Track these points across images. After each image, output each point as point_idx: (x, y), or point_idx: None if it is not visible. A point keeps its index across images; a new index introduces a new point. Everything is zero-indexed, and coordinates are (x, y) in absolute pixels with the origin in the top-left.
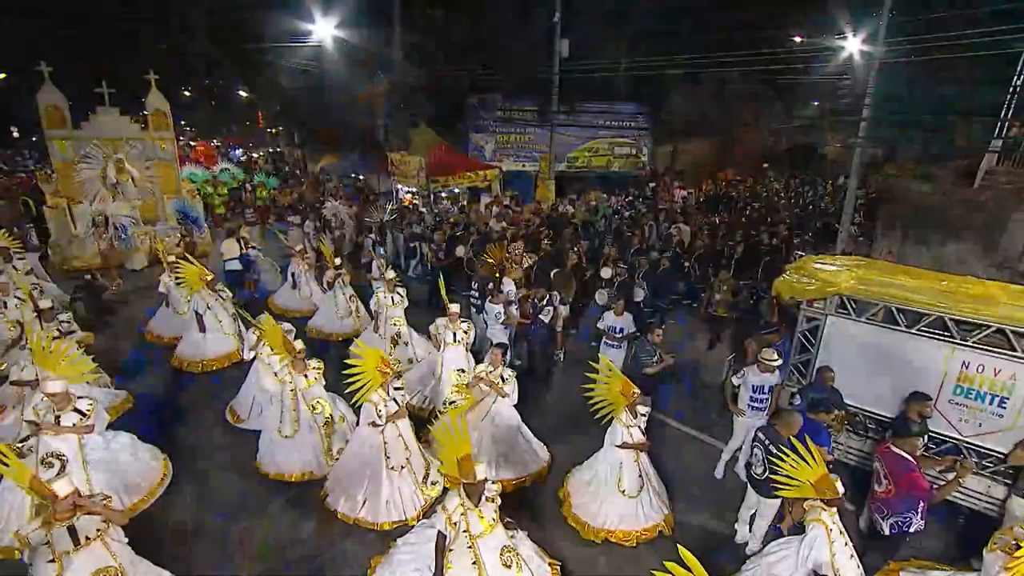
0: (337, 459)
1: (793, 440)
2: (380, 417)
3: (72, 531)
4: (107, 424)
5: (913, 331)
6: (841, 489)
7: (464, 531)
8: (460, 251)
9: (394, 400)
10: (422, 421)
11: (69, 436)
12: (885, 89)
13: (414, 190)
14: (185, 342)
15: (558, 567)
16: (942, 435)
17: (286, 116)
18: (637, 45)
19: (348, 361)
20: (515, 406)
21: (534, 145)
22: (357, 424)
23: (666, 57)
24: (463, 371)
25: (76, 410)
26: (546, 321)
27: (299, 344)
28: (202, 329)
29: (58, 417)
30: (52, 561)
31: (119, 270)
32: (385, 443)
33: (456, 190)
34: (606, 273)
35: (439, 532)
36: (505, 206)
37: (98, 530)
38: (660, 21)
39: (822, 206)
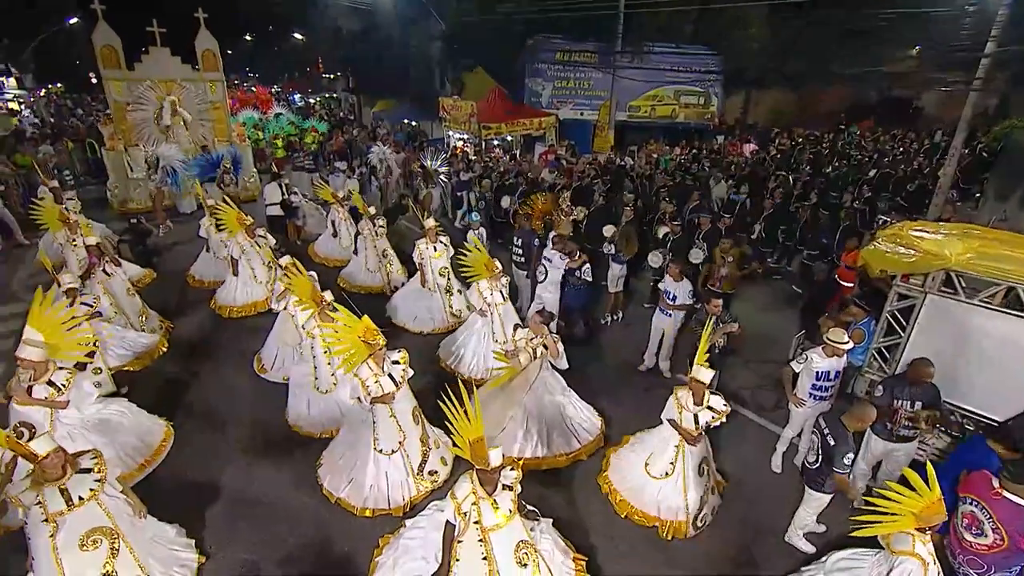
0: None
1: (896, 486)
2: (366, 396)
3: (64, 491)
4: (146, 363)
5: None
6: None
7: (475, 522)
8: (506, 202)
9: (389, 376)
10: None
11: (40, 408)
12: (1018, 20)
13: (465, 137)
14: (224, 287)
15: (583, 563)
16: None
17: (342, 61)
18: None
19: (325, 325)
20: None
21: (594, 91)
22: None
23: None
24: (518, 326)
25: (50, 382)
26: (588, 280)
27: (328, 295)
28: (235, 273)
29: (31, 387)
30: (46, 521)
31: (168, 213)
32: (374, 423)
33: (509, 138)
34: (662, 232)
35: (447, 521)
36: (559, 156)
37: (91, 490)
38: None
39: (915, 165)
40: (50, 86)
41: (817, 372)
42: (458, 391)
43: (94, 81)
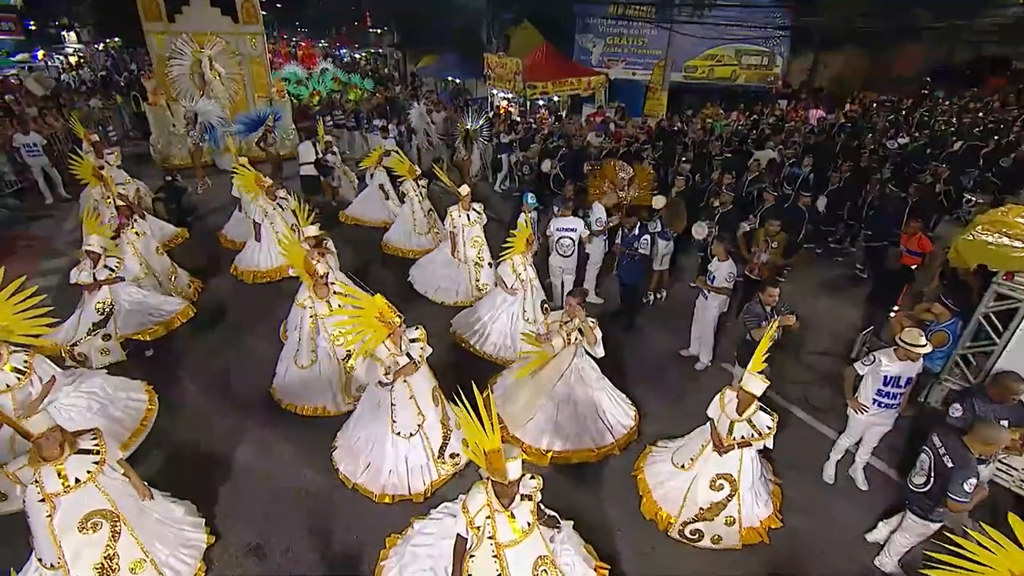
0: (357, 398)
1: (994, 532)
2: (388, 375)
3: (61, 472)
4: (159, 333)
5: None
6: None
7: (489, 537)
8: (547, 166)
9: (407, 355)
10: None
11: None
12: None
13: (510, 96)
14: (244, 251)
15: (606, 571)
16: None
17: (388, 14)
18: None
19: (336, 312)
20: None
21: (648, 49)
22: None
23: None
24: (545, 302)
25: (15, 368)
26: (646, 253)
27: (321, 268)
28: (257, 238)
29: None
30: (43, 501)
31: (206, 170)
32: (393, 405)
33: (556, 98)
34: (715, 205)
35: (458, 535)
36: (607, 119)
37: (89, 472)
38: None
39: (1011, 137)
40: (107, 40)
41: (885, 377)
42: (480, 383)
43: None
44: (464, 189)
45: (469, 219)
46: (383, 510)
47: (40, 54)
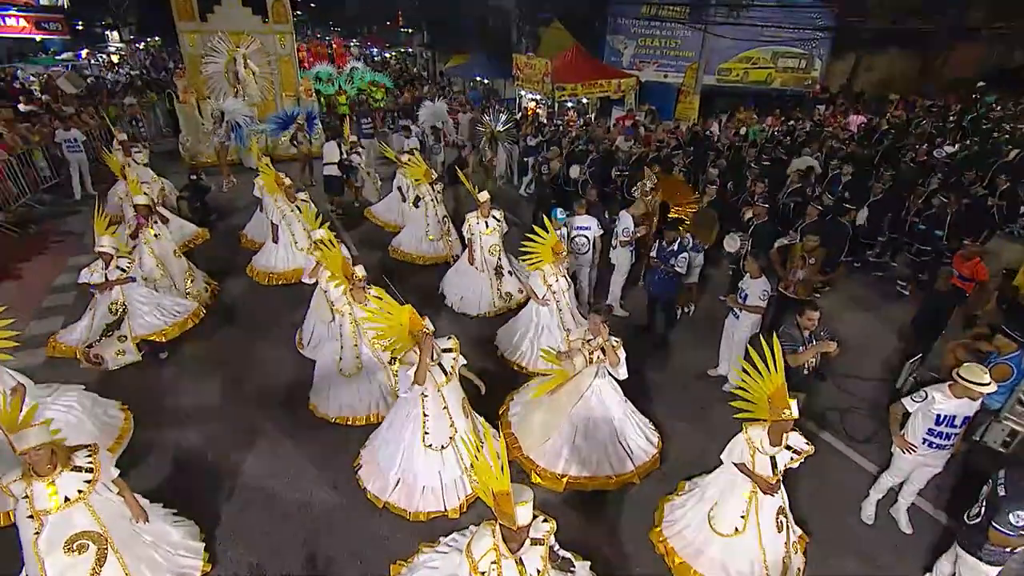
0: None
1: None
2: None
3: (51, 489)
4: (175, 333)
5: None
6: None
7: None
8: (575, 171)
9: (439, 365)
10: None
11: None
12: None
13: (538, 98)
14: (261, 252)
15: None
16: None
17: (419, 14)
18: None
19: (367, 318)
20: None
21: (681, 51)
22: None
23: None
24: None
25: None
26: (681, 272)
27: (360, 271)
28: (275, 239)
29: None
30: (31, 517)
31: (233, 168)
32: (425, 416)
33: (585, 100)
34: (747, 216)
35: None
36: (636, 122)
37: (80, 491)
38: None
39: None
40: (148, 40)
41: (938, 415)
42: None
43: None
44: (484, 195)
45: (487, 227)
46: (391, 526)
47: (84, 53)
